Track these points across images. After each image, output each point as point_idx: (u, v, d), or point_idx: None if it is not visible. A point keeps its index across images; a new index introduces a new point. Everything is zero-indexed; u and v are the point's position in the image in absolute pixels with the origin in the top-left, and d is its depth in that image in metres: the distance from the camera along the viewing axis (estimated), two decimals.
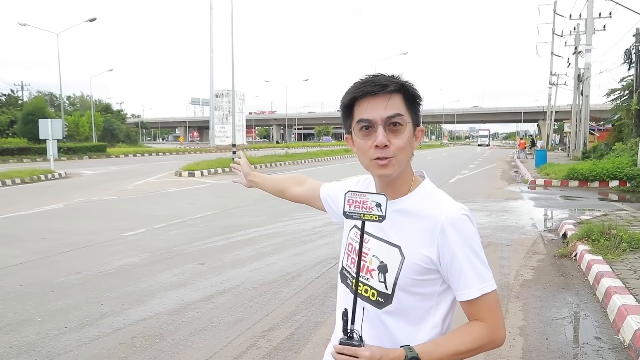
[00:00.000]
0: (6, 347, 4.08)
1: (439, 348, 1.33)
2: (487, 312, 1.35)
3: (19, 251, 7.33)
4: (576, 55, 33.57)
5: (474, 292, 1.33)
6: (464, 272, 1.32)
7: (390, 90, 1.33)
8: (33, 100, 47.66)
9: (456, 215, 1.35)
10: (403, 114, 1.34)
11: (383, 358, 1.25)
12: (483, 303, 1.34)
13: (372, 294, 1.40)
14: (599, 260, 6.10)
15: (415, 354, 1.29)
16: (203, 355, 3.94)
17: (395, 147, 1.33)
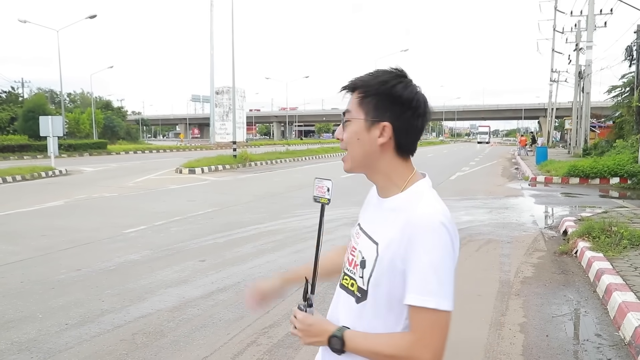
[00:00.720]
0: (7, 343, 4.08)
1: (364, 340, 1.35)
2: (419, 326, 1.27)
3: (19, 248, 7.33)
4: (577, 52, 33.52)
5: (411, 299, 1.27)
6: (412, 276, 1.27)
7: (345, 88, 1.42)
8: (33, 97, 47.66)
9: (427, 220, 1.28)
10: (351, 110, 1.38)
11: (314, 325, 1.42)
12: (418, 314, 1.27)
13: (355, 288, 1.43)
14: (600, 257, 6.10)
15: (340, 335, 1.36)
16: (204, 351, 3.95)
17: (344, 141, 1.40)
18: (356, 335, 1.36)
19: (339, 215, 9.95)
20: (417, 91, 1.36)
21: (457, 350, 3.93)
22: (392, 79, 1.35)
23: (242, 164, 24.93)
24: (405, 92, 1.34)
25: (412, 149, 1.40)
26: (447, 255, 1.26)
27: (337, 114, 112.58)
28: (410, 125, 1.36)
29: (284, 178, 18.84)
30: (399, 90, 1.34)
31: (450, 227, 1.28)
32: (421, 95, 1.36)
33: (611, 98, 31.15)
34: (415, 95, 1.35)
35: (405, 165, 1.40)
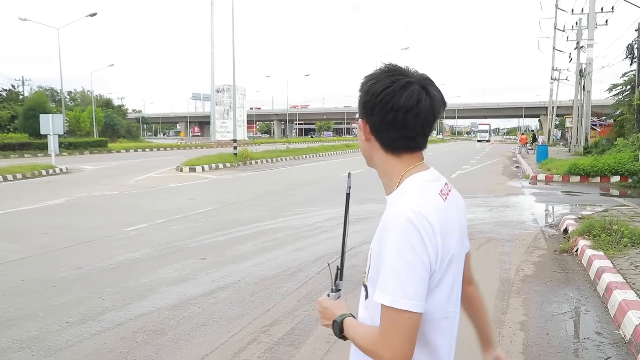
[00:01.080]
0: (8, 341, 4.09)
1: (357, 329, 1.38)
2: (382, 323, 1.25)
3: (20, 246, 7.34)
4: (578, 50, 33.50)
5: (375, 295, 1.27)
6: (379, 271, 1.27)
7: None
8: (34, 96, 47.67)
9: (394, 218, 1.26)
10: (358, 112, 1.42)
11: (328, 309, 1.47)
12: (383, 312, 1.25)
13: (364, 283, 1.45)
14: (600, 256, 6.10)
15: (339, 321, 1.41)
16: (204, 349, 3.95)
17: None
18: (351, 324, 1.39)
19: (338, 214, 9.95)
20: (388, 86, 1.30)
21: (457, 348, 3.92)
22: (372, 77, 1.35)
23: (243, 162, 24.94)
24: (373, 87, 1.32)
25: (399, 145, 1.35)
26: (409, 253, 1.22)
27: (338, 112, 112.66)
28: (383, 121, 1.31)
29: (285, 176, 18.84)
30: (368, 86, 1.34)
31: (420, 224, 1.23)
32: (395, 90, 1.29)
33: (612, 96, 31.08)
34: (384, 89, 1.30)
35: (399, 161, 1.37)
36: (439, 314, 1.34)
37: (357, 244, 7.33)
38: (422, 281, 1.23)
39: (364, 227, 8.37)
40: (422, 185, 1.34)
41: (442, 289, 1.32)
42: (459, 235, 1.37)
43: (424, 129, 1.33)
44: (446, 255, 1.29)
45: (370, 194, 11.47)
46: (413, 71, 1.35)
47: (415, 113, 1.29)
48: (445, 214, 1.31)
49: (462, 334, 1.53)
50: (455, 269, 1.35)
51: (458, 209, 1.42)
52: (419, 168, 1.37)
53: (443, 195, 1.36)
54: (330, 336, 4.28)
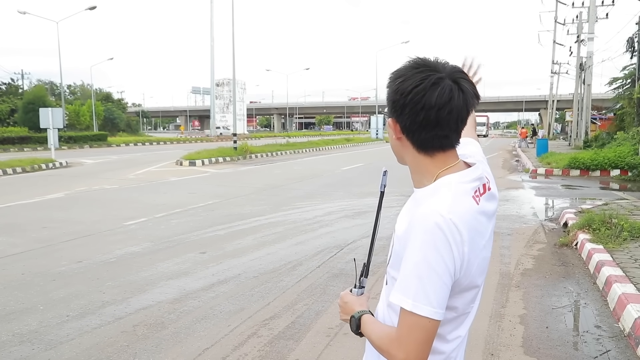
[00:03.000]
0: (9, 335, 4.10)
1: (373, 326, 1.36)
2: (400, 325, 1.23)
3: (20, 240, 7.35)
4: (578, 44, 33.40)
5: (393, 295, 1.24)
6: (401, 273, 1.24)
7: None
8: (33, 89, 47.61)
9: (422, 220, 1.22)
10: (387, 110, 1.35)
11: (348, 304, 1.45)
12: (402, 314, 1.23)
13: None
14: (600, 249, 6.10)
15: (357, 317, 1.40)
16: (204, 343, 3.96)
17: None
18: (368, 321, 1.37)
19: (338, 208, 9.96)
20: (418, 84, 1.23)
21: None
22: (399, 74, 1.28)
23: (243, 156, 24.92)
24: (402, 85, 1.26)
25: (433, 144, 1.29)
26: (435, 258, 1.19)
27: (338, 106, 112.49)
28: (414, 121, 1.26)
29: (285, 170, 18.84)
30: (397, 85, 1.28)
31: (449, 230, 1.19)
32: (426, 87, 1.23)
33: (612, 90, 31.02)
34: (414, 88, 1.24)
35: (432, 161, 1.32)
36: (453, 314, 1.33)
37: (357, 237, 7.34)
38: (445, 289, 1.20)
39: (364, 222, 8.37)
40: (455, 187, 1.27)
41: (464, 296, 1.31)
42: (486, 241, 1.32)
43: (458, 125, 1.27)
44: (473, 263, 1.25)
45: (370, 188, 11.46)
46: (443, 63, 1.28)
47: (448, 110, 1.23)
48: (475, 219, 1.26)
49: None
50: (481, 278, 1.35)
51: (488, 213, 1.33)
52: (455, 168, 1.31)
53: (476, 198, 1.29)
54: (330, 330, 4.30)
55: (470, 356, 3.73)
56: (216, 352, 3.81)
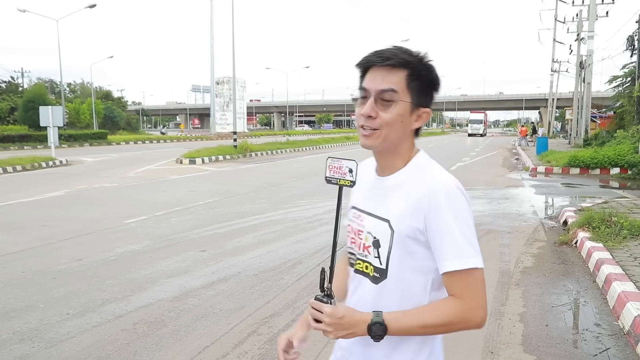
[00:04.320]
0: (9, 333, 4.10)
1: (407, 318, 1.32)
2: (463, 289, 1.30)
3: (20, 238, 7.35)
4: (578, 42, 33.39)
5: (449, 265, 1.30)
6: (443, 243, 1.30)
7: (391, 64, 1.33)
8: (33, 88, 47.59)
9: (445, 185, 1.32)
10: (398, 91, 1.33)
11: (346, 317, 1.29)
12: (459, 279, 1.30)
13: (370, 270, 1.42)
14: (600, 248, 6.11)
15: (380, 320, 1.29)
16: (204, 341, 3.96)
17: (382, 120, 1.34)
18: (397, 316, 1.32)
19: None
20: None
21: (457, 339, 3.95)
22: (431, 63, 1.38)
23: (243, 154, 24.91)
24: (439, 78, 1.41)
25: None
26: (469, 217, 1.33)
27: (338, 104, 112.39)
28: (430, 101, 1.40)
29: (285, 168, 18.83)
30: (437, 76, 1.39)
31: (464, 192, 1.35)
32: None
33: (612, 88, 31.02)
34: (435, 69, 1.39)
35: (413, 141, 1.44)
36: None
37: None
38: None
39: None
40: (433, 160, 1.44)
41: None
42: None
43: None
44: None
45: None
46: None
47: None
48: None
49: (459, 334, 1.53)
50: None
51: None
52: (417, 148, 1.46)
53: None
54: None
55: (470, 354, 3.74)
56: (216, 350, 3.81)
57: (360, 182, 1.41)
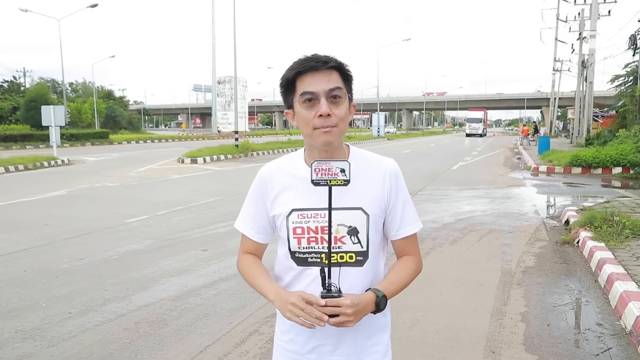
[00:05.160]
0: (11, 332, 4.11)
1: (392, 285, 1.57)
2: (415, 247, 1.67)
3: (22, 237, 7.36)
4: (580, 41, 33.31)
5: (414, 228, 1.64)
6: (406, 211, 1.61)
7: (330, 66, 1.50)
8: (35, 87, 47.61)
9: (395, 165, 1.62)
10: (342, 88, 1.51)
11: (360, 303, 1.45)
12: (414, 238, 1.66)
13: (349, 257, 1.55)
14: (602, 247, 6.10)
15: (383, 293, 1.51)
16: (206, 340, 3.97)
17: (337, 117, 1.49)
18: (387, 286, 1.55)
19: None
20: None
21: (459, 339, 3.95)
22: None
23: (244, 153, 24.92)
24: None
25: None
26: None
27: None
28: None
29: None
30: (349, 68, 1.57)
31: None
32: None
33: (614, 87, 30.94)
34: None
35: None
36: None
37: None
38: None
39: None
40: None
41: None
42: None
43: None
44: None
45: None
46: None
47: None
48: None
49: (462, 327, 1.55)
50: None
51: None
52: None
53: None
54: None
55: (472, 353, 3.74)
56: (218, 349, 3.82)
57: (289, 184, 1.58)
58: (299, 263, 1.58)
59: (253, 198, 1.68)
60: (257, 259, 1.74)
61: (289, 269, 1.61)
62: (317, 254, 1.55)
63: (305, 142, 1.61)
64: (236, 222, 1.74)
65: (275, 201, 1.61)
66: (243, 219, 1.72)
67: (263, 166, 1.72)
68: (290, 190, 1.58)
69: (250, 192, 1.70)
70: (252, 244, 1.72)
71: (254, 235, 1.70)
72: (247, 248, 1.74)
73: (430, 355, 3.65)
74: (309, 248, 1.55)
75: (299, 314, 1.42)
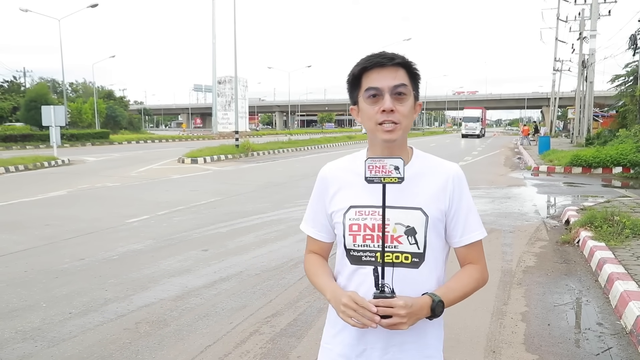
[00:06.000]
0: (12, 332, 4.11)
1: (452, 292, 1.52)
2: (480, 255, 1.61)
3: (23, 237, 7.36)
4: (580, 41, 33.31)
5: (478, 235, 1.58)
6: (470, 217, 1.58)
7: (396, 63, 1.48)
8: (35, 87, 47.61)
9: (459, 169, 1.60)
10: (407, 85, 1.49)
11: (414, 305, 1.41)
12: (478, 247, 1.60)
13: (405, 258, 1.51)
14: (602, 247, 6.10)
15: (440, 298, 1.46)
16: (207, 340, 3.97)
17: (400, 114, 1.48)
18: (445, 292, 1.50)
19: None
20: None
21: (459, 338, 3.95)
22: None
23: (245, 153, 24.92)
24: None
25: None
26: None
27: (340, 103, 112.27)
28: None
29: (287, 168, 18.84)
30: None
31: None
32: None
33: (614, 87, 30.91)
34: None
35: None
36: None
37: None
38: None
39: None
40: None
41: None
42: None
43: None
44: None
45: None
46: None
47: None
48: None
49: (463, 326, 1.56)
50: None
51: None
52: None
53: None
54: None
55: (472, 353, 3.74)
56: (218, 350, 3.82)
57: (349, 182, 1.58)
58: (353, 261, 1.57)
59: (315, 198, 1.70)
60: (321, 258, 1.73)
61: (344, 267, 1.60)
62: (372, 252, 1.53)
63: (369, 139, 1.61)
64: (301, 224, 1.77)
65: (334, 198, 1.62)
66: (306, 219, 1.75)
67: (324, 165, 1.72)
68: (350, 187, 1.58)
69: (312, 193, 1.72)
70: (315, 243, 1.73)
71: (315, 233, 1.71)
72: (312, 247, 1.75)
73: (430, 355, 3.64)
74: (364, 246, 1.54)
75: (351, 314, 1.41)
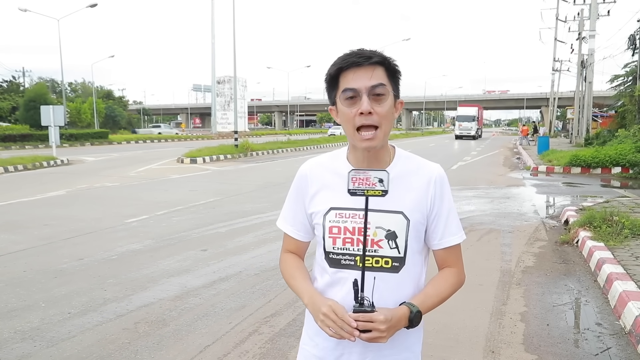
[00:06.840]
0: (10, 332, 4.11)
1: (429, 298, 1.49)
2: (457, 258, 1.58)
3: (22, 237, 7.35)
4: (580, 41, 33.34)
5: (457, 239, 1.55)
6: (450, 221, 1.53)
7: (374, 62, 1.42)
8: (35, 87, 47.54)
9: (441, 171, 1.55)
10: (386, 84, 1.43)
11: (393, 318, 1.37)
12: (457, 250, 1.57)
13: (385, 262, 1.48)
14: (601, 247, 6.10)
15: (417, 309, 1.43)
16: (206, 340, 3.97)
17: (379, 115, 1.41)
18: (423, 300, 1.48)
19: None
20: None
21: (458, 338, 3.95)
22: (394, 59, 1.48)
23: (244, 153, 24.91)
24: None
25: None
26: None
27: None
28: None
29: (286, 168, 18.83)
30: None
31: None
32: None
33: (613, 87, 30.95)
34: None
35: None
36: None
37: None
38: None
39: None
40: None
41: None
42: None
43: None
44: None
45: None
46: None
47: None
48: None
49: (462, 327, 1.56)
50: None
51: None
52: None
53: None
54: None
55: (471, 353, 3.74)
56: (217, 349, 3.82)
57: (330, 182, 1.54)
58: (332, 264, 1.53)
59: (293, 195, 1.69)
60: (298, 259, 1.69)
61: (323, 270, 1.56)
62: (352, 256, 1.49)
63: (348, 140, 1.54)
64: (277, 220, 1.73)
65: (314, 198, 1.59)
66: (283, 216, 1.71)
67: (304, 162, 1.69)
68: (330, 188, 1.55)
69: (290, 190, 1.70)
70: (293, 242, 1.69)
71: (294, 232, 1.67)
72: (288, 246, 1.71)
73: (430, 355, 3.65)
74: (344, 249, 1.50)
75: (329, 324, 1.37)
